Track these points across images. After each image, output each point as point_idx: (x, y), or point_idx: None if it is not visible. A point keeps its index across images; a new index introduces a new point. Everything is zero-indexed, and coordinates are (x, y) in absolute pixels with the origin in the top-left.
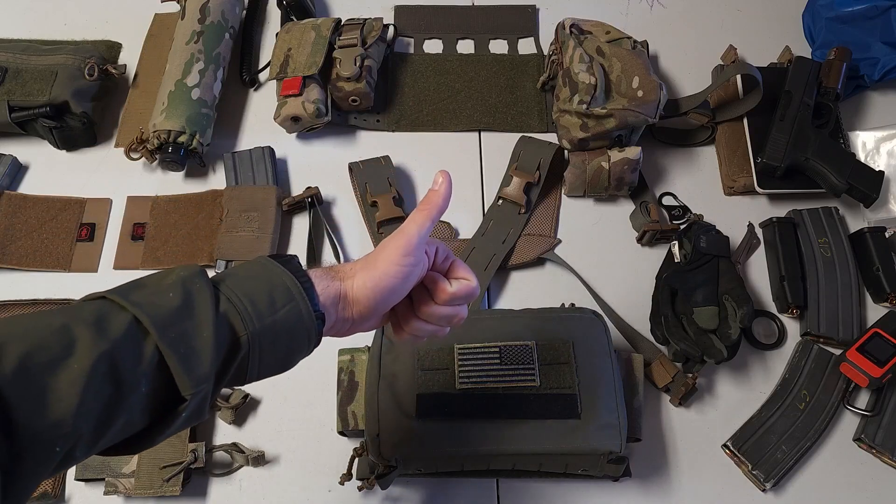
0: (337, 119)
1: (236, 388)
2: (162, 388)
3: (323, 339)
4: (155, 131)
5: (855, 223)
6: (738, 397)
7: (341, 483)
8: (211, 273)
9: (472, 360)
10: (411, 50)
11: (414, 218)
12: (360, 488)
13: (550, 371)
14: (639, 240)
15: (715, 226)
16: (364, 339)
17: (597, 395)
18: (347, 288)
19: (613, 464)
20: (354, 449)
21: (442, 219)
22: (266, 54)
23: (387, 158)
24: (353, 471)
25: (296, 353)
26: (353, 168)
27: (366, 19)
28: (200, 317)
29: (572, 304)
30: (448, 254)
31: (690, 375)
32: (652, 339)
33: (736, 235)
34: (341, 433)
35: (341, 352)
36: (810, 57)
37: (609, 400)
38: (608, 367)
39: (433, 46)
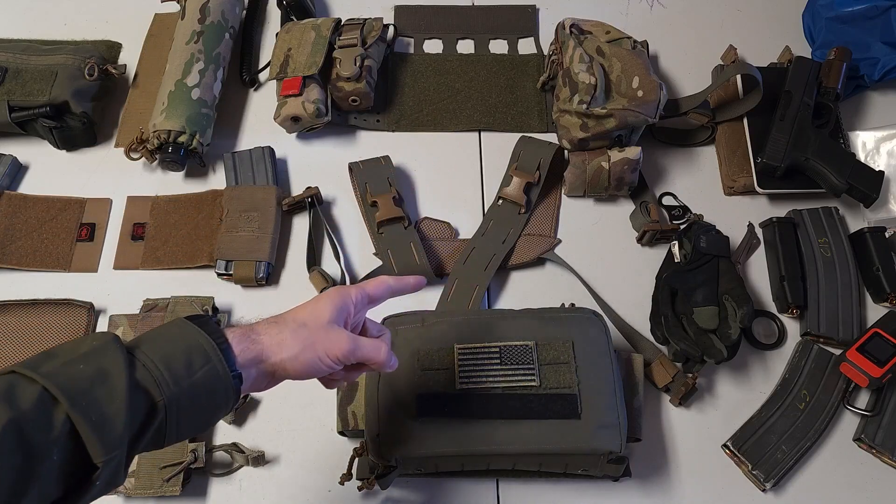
0: (337, 119)
1: None
2: (75, 457)
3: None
4: (155, 131)
5: (855, 223)
6: (738, 397)
7: (341, 483)
8: (211, 273)
9: (472, 360)
10: (411, 50)
11: (369, 346)
12: (359, 488)
13: (550, 371)
14: (639, 240)
15: (715, 226)
16: None
17: (597, 395)
18: (276, 363)
19: (613, 464)
20: (354, 449)
21: (442, 219)
22: (266, 54)
23: (387, 158)
24: (353, 471)
25: (215, 412)
26: (353, 168)
27: (366, 19)
28: (113, 383)
29: (572, 304)
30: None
31: (690, 375)
32: (652, 339)
33: (736, 235)
34: (341, 433)
35: None
36: (810, 57)
37: (609, 399)
38: (608, 366)
39: (433, 46)
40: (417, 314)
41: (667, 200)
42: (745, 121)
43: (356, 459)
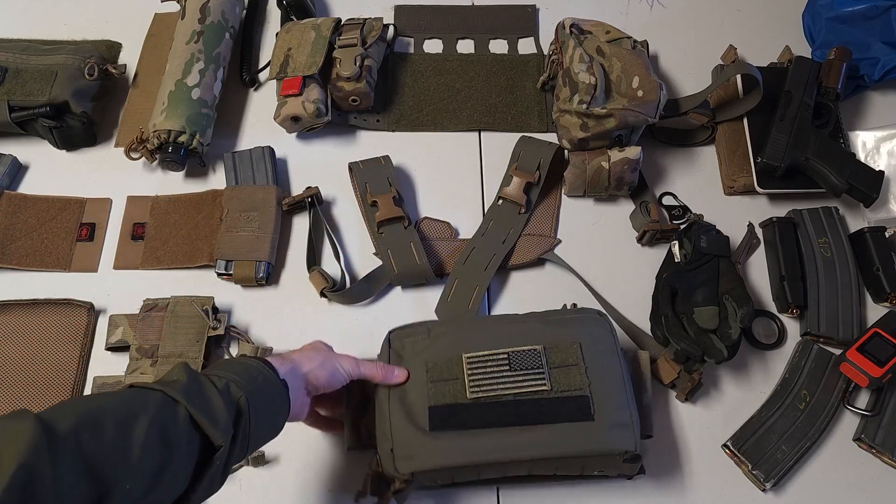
0: (337, 119)
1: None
2: (199, 445)
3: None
4: (155, 131)
5: (855, 223)
6: (738, 397)
7: (356, 501)
8: (211, 273)
9: (482, 369)
10: (411, 50)
11: (369, 365)
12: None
13: (560, 373)
14: (639, 240)
15: (715, 226)
16: (355, 333)
17: (608, 395)
18: (307, 372)
19: (629, 462)
20: (369, 464)
21: (442, 219)
22: (266, 54)
23: (387, 158)
24: (368, 487)
25: (278, 415)
26: (353, 168)
27: (366, 19)
28: (208, 388)
29: (574, 305)
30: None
31: (695, 370)
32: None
33: (736, 235)
34: (351, 448)
35: None
36: (810, 57)
37: (620, 399)
38: (617, 366)
39: (433, 46)
40: (423, 325)
41: (667, 200)
42: (745, 121)
43: (371, 476)
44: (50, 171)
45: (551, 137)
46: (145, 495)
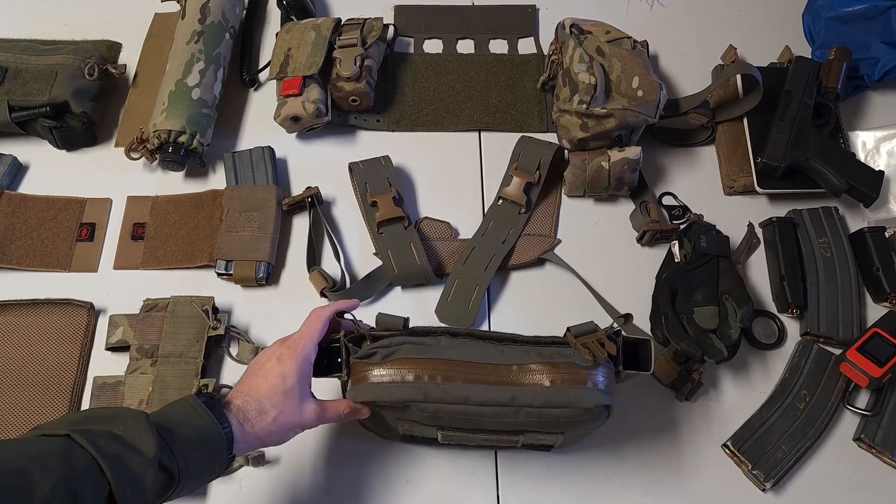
0: (337, 119)
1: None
2: None
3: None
4: (155, 131)
5: (855, 223)
6: (738, 397)
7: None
8: (211, 273)
9: (456, 439)
10: (411, 50)
11: (332, 412)
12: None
13: (533, 437)
14: (639, 240)
15: (715, 226)
16: None
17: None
18: (261, 446)
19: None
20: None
21: (442, 219)
22: (266, 54)
23: (387, 158)
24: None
25: (205, 483)
26: (353, 168)
27: (366, 19)
28: (147, 464)
29: (606, 332)
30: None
31: (696, 370)
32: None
33: (736, 235)
34: None
35: None
36: (810, 57)
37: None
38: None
39: (433, 46)
40: (402, 394)
41: (667, 200)
42: (745, 121)
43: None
44: (50, 171)
45: (551, 137)
46: None
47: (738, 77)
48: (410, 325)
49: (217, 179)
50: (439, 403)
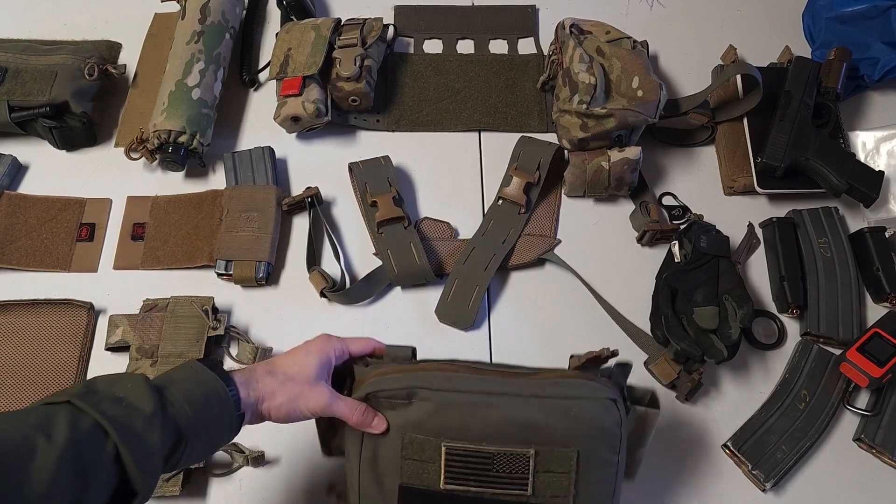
0: (337, 119)
1: None
2: (119, 481)
3: None
4: (155, 131)
5: (855, 223)
6: (738, 397)
7: None
8: (211, 273)
9: (461, 462)
10: (411, 50)
11: (344, 407)
12: None
13: (547, 479)
14: (639, 240)
15: (715, 226)
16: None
17: (593, 500)
18: (265, 408)
19: None
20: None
21: (442, 219)
22: (266, 54)
23: (387, 158)
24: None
25: (218, 444)
26: (353, 168)
27: (366, 19)
28: (151, 420)
29: (608, 349)
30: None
31: (696, 370)
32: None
33: (736, 235)
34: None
35: None
36: (810, 57)
37: (605, 502)
38: (613, 466)
39: (433, 46)
40: (404, 382)
41: (667, 200)
42: (745, 121)
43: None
44: (50, 171)
45: (551, 137)
46: None
47: (738, 77)
48: (418, 357)
49: (217, 179)
50: (444, 391)
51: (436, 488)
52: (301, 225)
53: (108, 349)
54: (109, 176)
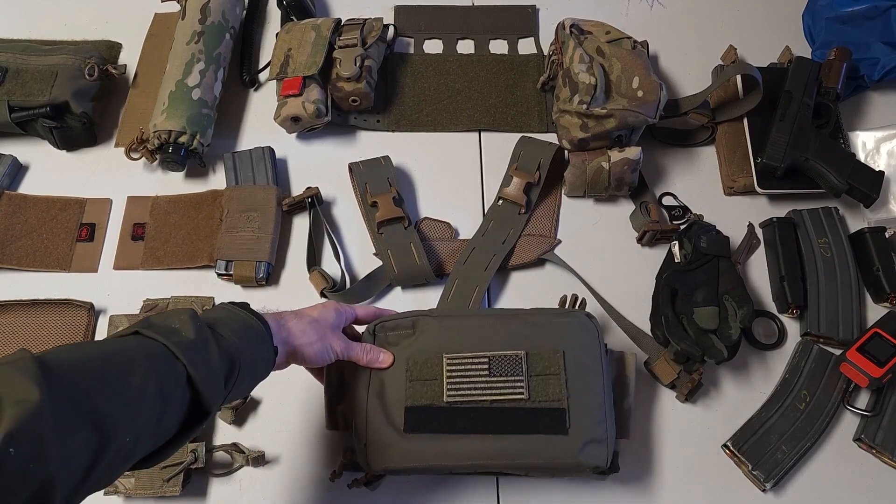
0: (337, 119)
1: None
2: (191, 401)
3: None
4: (155, 131)
5: (855, 223)
6: (738, 397)
7: (331, 479)
8: (211, 273)
9: (461, 371)
10: (411, 50)
11: (357, 349)
12: (349, 486)
13: (540, 382)
14: (639, 240)
15: (715, 226)
16: None
17: (586, 409)
18: (297, 346)
19: (599, 473)
20: (343, 454)
21: (442, 219)
22: (266, 54)
23: (387, 158)
24: (342, 469)
25: (259, 377)
26: (353, 168)
27: (366, 19)
28: (211, 349)
29: (574, 296)
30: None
31: (696, 370)
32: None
33: (736, 235)
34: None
35: None
36: (810, 57)
37: (598, 413)
38: (599, 377)
39: (433, 46)
40: (409, 317)
41: (667, 200)
42: (745, 121)
43: (344, 462)
44: (50, 171)
45: (551, 137)
46: (137, 444)
47: (738, 77)
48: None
49: (217, 179)
50: (444, 317)
51: (439, 403)
52: (301, 225)
53: None
54: (109, 176)
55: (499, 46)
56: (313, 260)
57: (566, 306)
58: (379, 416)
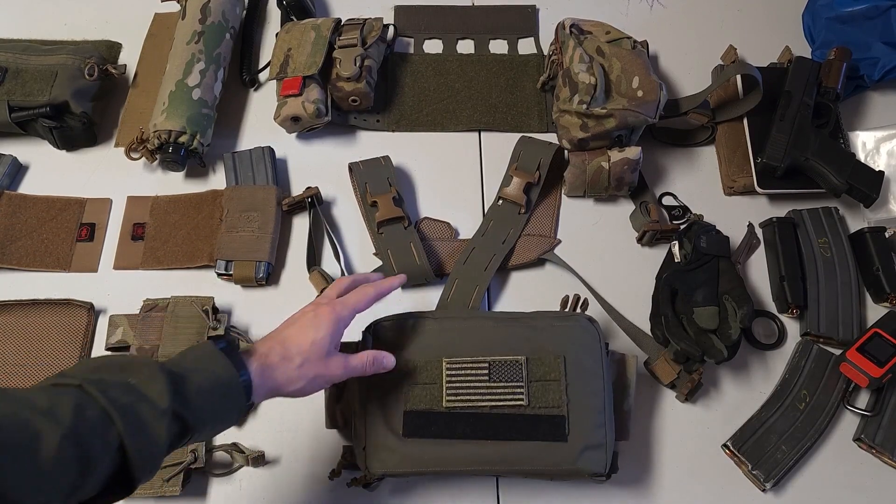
0: (337, 119)
1: None
2: (119, 468)
3: None
4: (155, 131)
5: (855, 223)
6: (738, 397)
7: (330, 478)
8: (211, 273)
9: (461, 376)
10: (411, 50)
11: (357, 364)
12: (349, 485)
13: (540, 388)
14: (639, 240)
15: (715, 226)
16: (352, 333)
17: (585, 414)
18: (284, 393)
19: (598, 478)
20: (343, 454)
21: (442, 219)
22: (266, 54)
23: (387, 158)
24: (341, 468)
25: (220, 431)
26: (353, 168)
27: (366, 19)
28: (158, 412)
29: (576, 296)
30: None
31: (696, 370)
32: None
33: (736, 235)
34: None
35: None
36: (810, 57)
37: (597, 419)
38: (599, 382)
39: (433, 46)
40: (409, 317)
41: (667, 200)
42: (745, 121)
43: (343, 463)
44: (50, 171)
45: (551, 137)
46: None
47: (738, 77)
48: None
49: (217, 179)
50: (443, 318)
51: (438, 408)
52: (301, 225)
53: (108, 349)
54: (109, 176)
55: (499, 46)
56: (313, 260)
57: (568, 307)
58: (378, 420)
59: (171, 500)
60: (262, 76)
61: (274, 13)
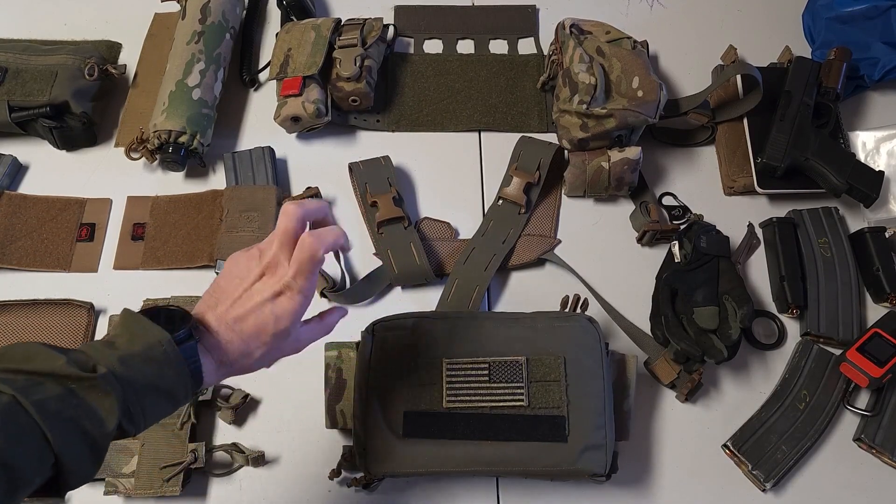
0: (337, 119)
1: (235, 388)
2: (51, 479)
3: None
4: (155, 131)
5: (855, 223)
6: (738, 397)
7: (330, 478)
8: (211, 273)
9: (461, 376)
10: (411, 50)
11: (313, 332)
12: (348, 485)
13: (540, 389)
14: (639, 240)
15: (715, 226)
16: (352, 333)
17: (585, 415)
18: (242, 373)
19: (598, 478)
20: (343, 456)
21: (442, 219)
22: (266, 54)
23: (387, 158)
24: (342, 468)
25: (167, 413)
26: (353, 168)
27: (366, 19)
28: (103, 424)
29: (576, 296)
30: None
31: (696, 370)
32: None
33: (736, 235)
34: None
35: (328, 346)
36: (810, 57)
37: (597, 419)
38: (599, 383)
39: (433, 46)
40: (409, 318)
41: (667, 200)
42: (745, 121)
43: (343, 463)
44: (50, 171)
45: (551, 137)
46: None
47: (738, 77)
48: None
49: (217, 179)
50: (443, 319)
51: (438, 409)
52: None
53: None
54: (109, 176)
55: (499, 46)
56: None
57: (568, 307)
58: (378, 421)
59: (171, 499)
60: (262, 76)
61: (274, 13)
